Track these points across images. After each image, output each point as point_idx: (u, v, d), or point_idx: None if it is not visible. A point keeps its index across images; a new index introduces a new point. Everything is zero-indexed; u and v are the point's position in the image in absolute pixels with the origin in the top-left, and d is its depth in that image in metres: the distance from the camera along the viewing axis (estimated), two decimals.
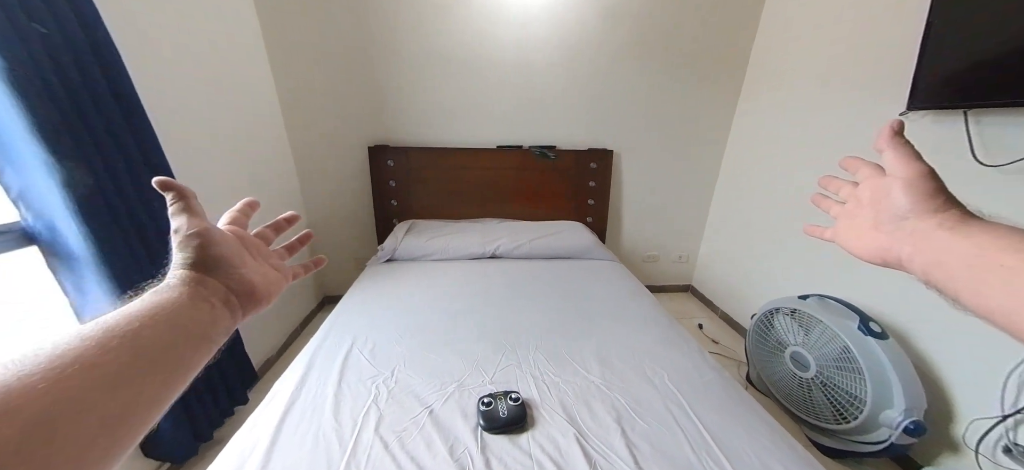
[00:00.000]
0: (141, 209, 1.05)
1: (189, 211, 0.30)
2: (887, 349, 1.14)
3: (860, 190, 0.35)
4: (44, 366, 0.18)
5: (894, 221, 0.30)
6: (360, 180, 2.07)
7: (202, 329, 0.26)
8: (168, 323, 0.24)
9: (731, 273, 2.18)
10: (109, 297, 0.96)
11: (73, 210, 0.88)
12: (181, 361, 0.24)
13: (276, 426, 0.81)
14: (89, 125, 0.91)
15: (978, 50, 1.00)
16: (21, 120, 0.80)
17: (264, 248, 0.36)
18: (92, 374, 0.19)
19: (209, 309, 0.27)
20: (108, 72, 0.96)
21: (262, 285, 0.31)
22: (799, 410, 1.38)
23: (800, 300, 1.37)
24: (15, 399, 0.16)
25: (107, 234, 0.94)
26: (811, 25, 1.64)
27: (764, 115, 1.93)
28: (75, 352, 0.19)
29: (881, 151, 0.31)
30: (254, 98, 1.71)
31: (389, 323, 1.21)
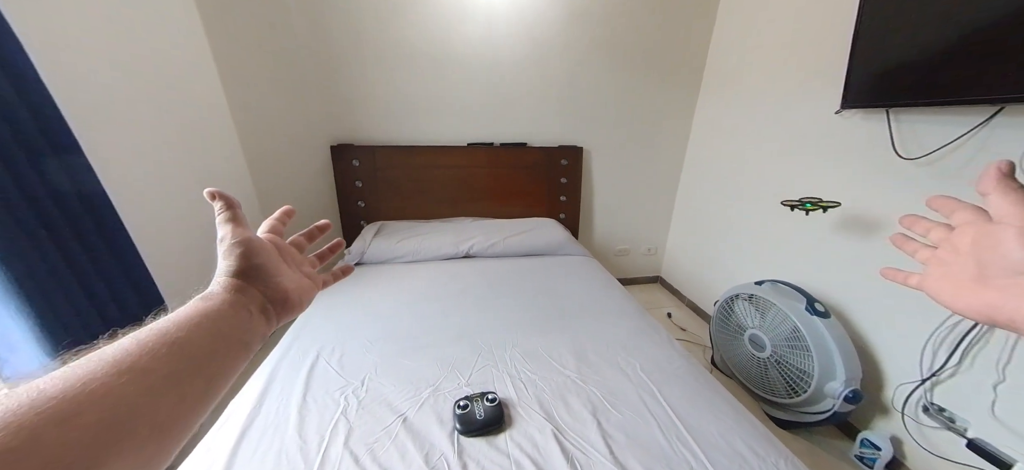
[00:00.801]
0: (68, 230, 0.92)
1: (235, 221, 0.32)
2: (830, 327, 1.26)
3: (957, 236, 0.30)
4: (105, 371, 0.19)
5: (1007, 275, 0.26)
6: (323, 181, 1.96)
7: (240, 335, 0.27)
8: (211, 330, 0.25)
9: (696, 263, 2.30)
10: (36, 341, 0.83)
11: None
12: (222, 367, 0.25)
13: (231, 449, 0.75)
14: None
15: (896, 55, 1.13)
16: None
17: (298, 256, 0.38)
18: (145, 380, 0.20)
19: (247, 317, 0.28)
20: (15, 78, 0.83)
21: (295, 293, 0.33)
22: (757, 388, 1.49)
23: (756, 285, 1.48)
24: (81, 404, 0.17)
25: (27, 266, 0.82)
26: (759, 29, 1.76)
27: (720, 111, 2.06)
28: (132, 359, 0.20)
29: (986, 194, 0.27)
30: (198, 100, 1.56)
31: (358, 330, 1.16)
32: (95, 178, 1.01)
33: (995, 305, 0.26)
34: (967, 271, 0.29)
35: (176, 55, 1.45)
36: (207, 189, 0.32)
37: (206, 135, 1.60)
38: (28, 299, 0.84)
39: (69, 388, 0.17)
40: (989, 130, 1.00)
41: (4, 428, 0.15)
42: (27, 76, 0.86)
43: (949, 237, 0.31)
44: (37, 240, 0.86)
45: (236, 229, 0.31)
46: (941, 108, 1.09)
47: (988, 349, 1.04)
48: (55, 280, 0.90)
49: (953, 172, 1.09)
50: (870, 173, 1.30)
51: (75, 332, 0.92)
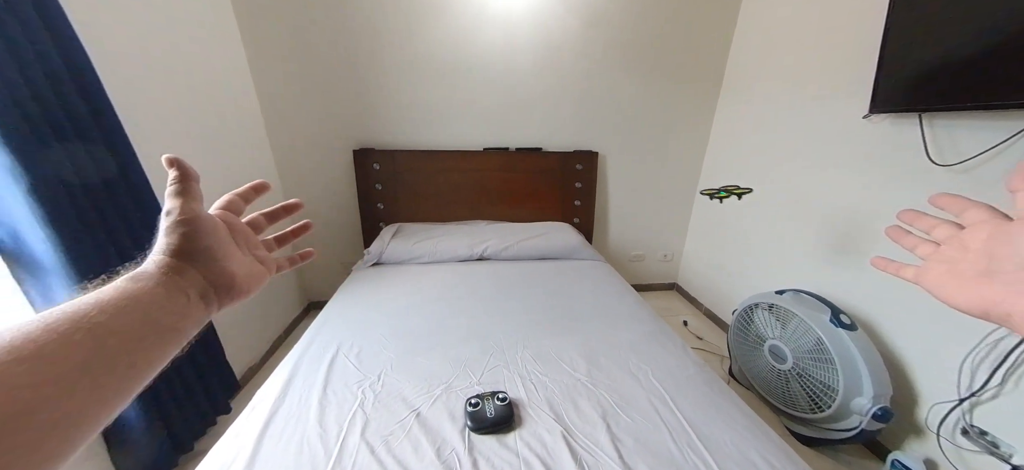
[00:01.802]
0: (115, 216, 1.01)
1: (186, 194, 0.28)
2: (856, 340, 1.20)
3: (969, 235, 0.30)
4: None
5: (1016, 270, 0.25)
6: (345, 184, 2.05)
7: (174, 322, 0.25)
8: (140, 315, 0.22)
9: (714, 270, 2.25)
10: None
11: (42, 219, 0.85)
12: (148, 356, 0.23)
13: (258, 435, 0.80)
14: (58, 131, 0.88)
15: (930, 57, 1.08)
16: None
17: (252, 237, 0.35)
18: (50, 369, 0.17)
19: (185, 302, 0.26)
20: (78, 78, 0.93)
21: (242, 279, 0.30)
22: (778, 401, 1.43)
23: (777, 295, 1.43)
24: None
25: (76, 242, 0.91)
26: (782, 32, 1.72)
27: (741, 116, 2.01)
28: (35, 345, 0.18)
29: (1016, 191, 0.27)
30: (233, 102, 1.67)
31: (376, 327, 1.20)
32: (144, 176, 1.10)
33: (995, 299, 0.26)
34: (973, 268, 0.28)
35: (215, 61, 1.57)
36: (166, 155, 0.29)
37: (239, 137, 1.71)
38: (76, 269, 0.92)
39: None
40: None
41: None
42: (87, 76, 0.95)
43: (959, 235, 0.31)
44: (90, 227, 0.95)
45: (186, 204, 0.28)
46: (982, 112, 1.04)
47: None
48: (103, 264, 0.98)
49: (993, 179, 1.03)
50: (901, 180, 1.24)
51: None
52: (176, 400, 1.18)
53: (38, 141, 0.84)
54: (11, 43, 0.80)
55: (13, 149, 0.80)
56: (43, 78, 0.85)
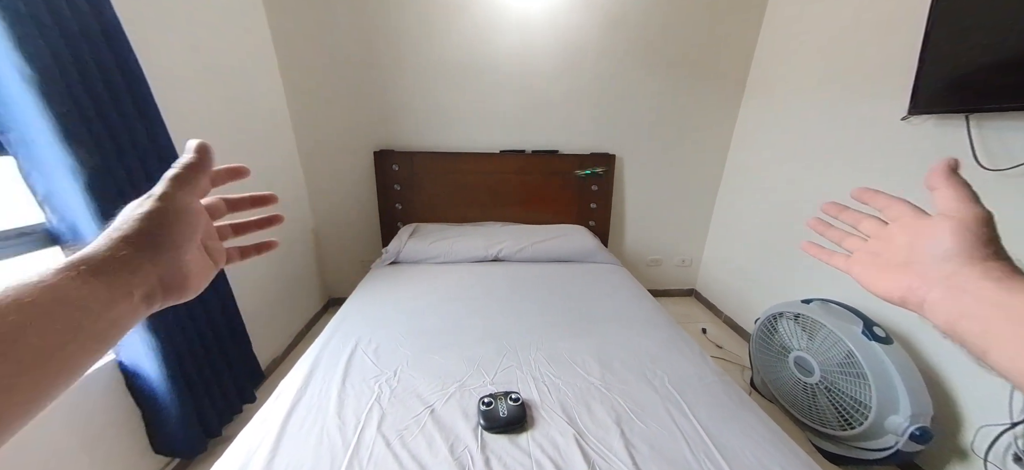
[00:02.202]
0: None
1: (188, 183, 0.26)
2: (892, 354, 1.13)
3: (893, 230, 0.31)
4: None
5: (932, 262, 0.27)
6: (366, 184, 2.11)
7: (104, 328, 0.21)
8: (65, 321, 0.19)
9: (735, 277, 2.17)
10: None
11: (96, 213, 0.92)
12: (63, 367, 0.19)
13: (281, 423, 0.83)
14: (112, 133, 0.96)
15: (978, 56, 1.00)
16: (48, 127, 0.84)
17: (209, 225, 0.30)
18: None
19: (126, 305, 0.22)
20: (131, 85, 1.01)
21: (194, 279, 0.26)
22: (804, 416, 1.36)
23: (803, 304, 1.36)
24: None
25: None
26: (811, 31, 1.65)
27: (766, 120, 1.93)
28: None
29: (934, 189, 0.29)
30: (266, 107, 1.76)
31: (392, 324, 1.23)
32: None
33: (911, 287, 0.27)
34: (896, 259, 0.30)
35: (250, 68, 1.66)
36: (196, 140, 0.27)
37: (270, 139, 1.79)
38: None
39: None
40: None
41: None
42: (139, 85, 1.03)
43: (884, 229, 0.32)
44: None
45: (179, 193, 0.25)
46: None
47: None
48: None
49: None
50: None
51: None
52: (206, 387, 1.25)
53: (94, 142, 0.91)
54: (78, 59, 0.87)
55: (74, 149, 0.87)
56: (101, 86, 0.93)
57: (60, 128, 0.85)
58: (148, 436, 1.15)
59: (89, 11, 0.90)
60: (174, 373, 1.10)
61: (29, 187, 0.91)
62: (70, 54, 0.86)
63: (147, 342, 1.04)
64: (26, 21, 0.78)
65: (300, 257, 2.04)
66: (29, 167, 0.89)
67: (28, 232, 0.92)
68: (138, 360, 1.06)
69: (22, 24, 0.77)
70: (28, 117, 0.83)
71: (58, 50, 0.83)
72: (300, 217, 2.04)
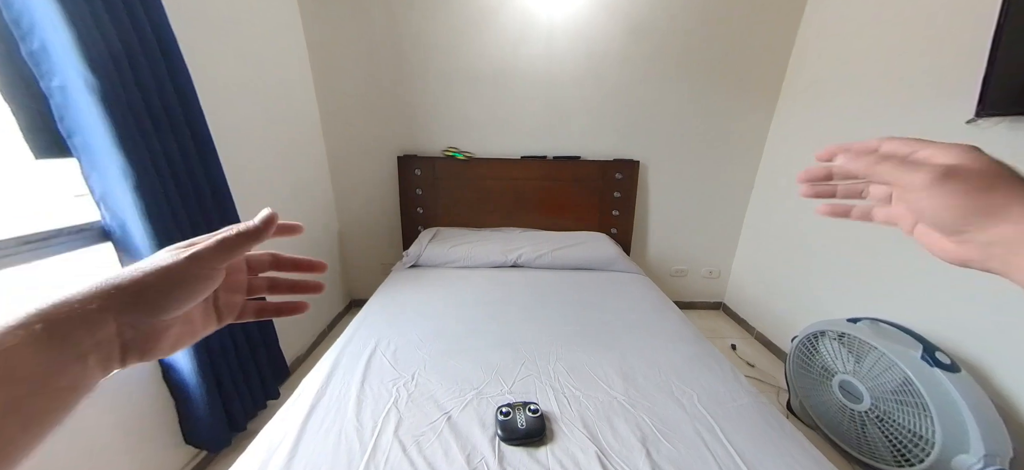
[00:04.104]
0: (199, 214, 1.15)
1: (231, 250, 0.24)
2: (959, 383, 1.01)
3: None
4: None
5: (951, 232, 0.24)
6: (389, 188, 2.16)
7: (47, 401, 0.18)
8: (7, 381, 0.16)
9: (768, 291, 2.03)
10: None
11: (141, 212, 0.98)
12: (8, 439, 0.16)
13: (302, 422, 0.84)
14: (163, 140, 1.03)
15: None
16: (106, 131, 0.91)
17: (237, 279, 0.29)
18: None
19: (77, 370, 0.19)
20: (181, 94, 1.08)
21: (171, 343, 0.24)
22: (851, 446, 1.24)
23: (850, 323, 1.25)
24: None
25: (167, 236, 1.04)
26: (857, 32, 1.54)
27: (804, 124, 1.82)
28: None
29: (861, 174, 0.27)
30: (300, 115, 1.85)
31: (411, 327, 1.23)
32: (224, 180, 1.25)
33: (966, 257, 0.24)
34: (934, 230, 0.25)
35: (287, 78, 1.74)
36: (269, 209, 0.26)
37: (302, 146, 1.87)
38: None
39: None
40: None
41: None
42: (189, 96, 1.10)
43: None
44: (178, 222, 1.09)
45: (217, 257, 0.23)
46: None
47: None
48: None
49: None
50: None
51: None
52: (235, 382, 1.29)
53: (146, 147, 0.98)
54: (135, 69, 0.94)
55: (126, 152, 0.93)
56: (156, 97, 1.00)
57: (116, 133, 0.91)
58: (181, 428, 1.20)
59: (148, 25, 0.97)
60: (205, 366, 1.15)
61: (89, 187, 0.98)
62: (128, 64, 0.93)
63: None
64: (92, 30, 0.85)
65: (326, 258, 2.10)
66: (90, 169, 0.96)
67: (86, 229, 1.00)
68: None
69: (88, 32, 0.84)
70: (90, 122, 0.90)
71: (119, 59, 0.90)
72: (326, 220, 2.11)
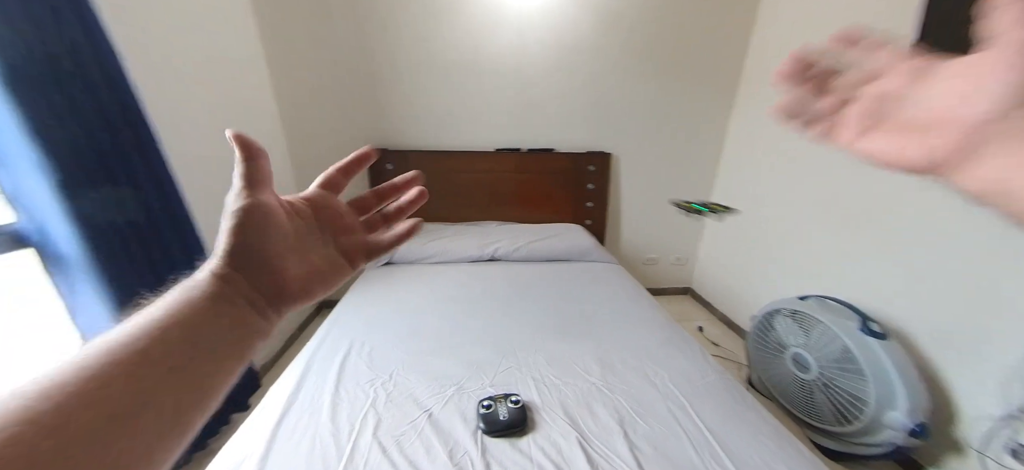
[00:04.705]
0: (141, 213, 1.04)
1: (248, 177, 0.24)
2: (888, 349, 1.14)
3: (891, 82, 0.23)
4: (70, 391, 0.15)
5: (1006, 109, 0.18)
6: (358, 184, 2.05)
7: (221, 337, 0.21)
8: (182, 336, 0.19)
9: (730, 275, 2.18)
10: (105, 302, 0.94)
11: (68, 213, 0.87)
12: (196, 382, 0.19)
13: (272, 431, 0.79)
14: (86, 129, 0.91)
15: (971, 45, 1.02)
16: (15, 121, 0.79)
17: (345, 221, 0.30)
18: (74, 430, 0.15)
19: (233, 313, 0.22)
20: (109, 79, 0.96)
21: (299, 280, 0.25)
22: (801, 412, 1.37)
23: (800, 301, 1.37)
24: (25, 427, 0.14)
25: (102, 238, 0.93)
26: (804, 30, 1.66)
27: (759, 117, 1.95)
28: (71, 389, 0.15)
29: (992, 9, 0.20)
30: (251, 105, 1.71)
31: (387, 326, 1.20)
32: (179, 198, 1.13)
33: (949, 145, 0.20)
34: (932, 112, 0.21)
35: (233, 63, 1.60)
36: (229, 130, 0.24)
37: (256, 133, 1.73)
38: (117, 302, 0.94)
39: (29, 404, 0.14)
40: None
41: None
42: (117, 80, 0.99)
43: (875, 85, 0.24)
44: (125, 243, 0.98)
45: (246, 189, 0.24)
46: None
47: None
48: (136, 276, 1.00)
49: None
50: None
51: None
52: None
53: (67, 139, 0.87)
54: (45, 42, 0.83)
55: (44, 145, 0.82)
56: (75, 81, 0.88)
57: (28, 123, 0.80)
58: None
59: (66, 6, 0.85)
60: None
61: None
62: (41, 45, 0.81)
63: None
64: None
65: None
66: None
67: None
68: None
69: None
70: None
71: (27, 39, 0.79)
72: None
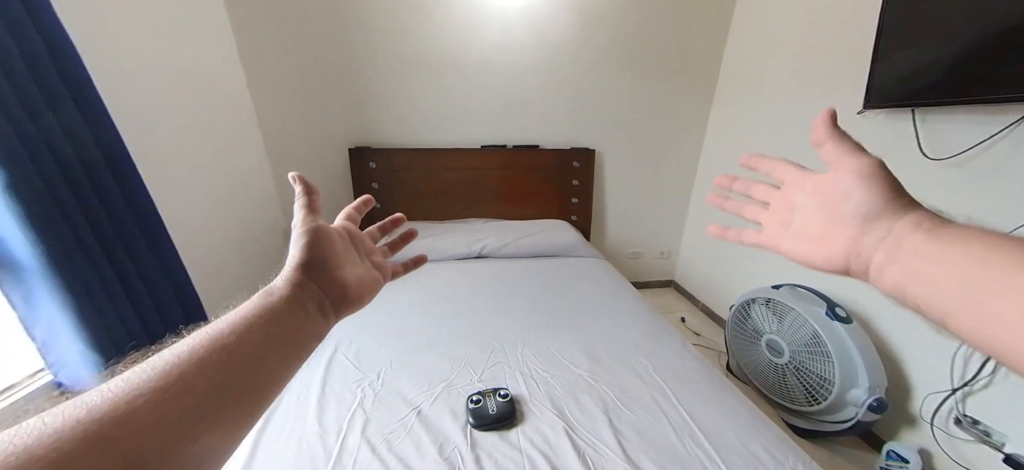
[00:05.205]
0: (106, 219, 0.98)
1: (309, 208, 0.31)
2: (851, 333, 1.22)
3: (788, 193, 0.31)
4: (152, 385, 0.18)
5: (861, 221, 0.25)
6: (341, 183, 2.03)
7: (293, 335, 0.25)
8: (262, 334, 0.23)
9: (711, 267, 2.26)
10: (64, 312, 0.89)
11: (20, 218, 0.82)
12: (272, 374, 0.24)
13: (255, 436, 0.78)
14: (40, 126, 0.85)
15: (922, 54, 1.09)
16: None
17: (370, 245, 0.38)
18: (188, 398, 0.18)
19: (303, 316, 0.26)
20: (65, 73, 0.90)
21: (354, 287, 0.31)
22: (775, 395, 1.45)
23: (774, 290, 1.44)
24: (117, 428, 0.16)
25: (61, 244, 0.88)
26: (776, 30, 1.74)
27: (737, 114, 2.03)
28: (179, 370, 0.19)
29: (820, 144, 0.28)
30: (228, 104, 1.65)
31: (374, 326, 1.19)
32: (142, 185, 1.07)
33: (851, 252, 0.26)
34: (816, 224, 0.28)
35: (207, 61, 1.54)
36: (292, 172, 0.33)
37: (234, 139, 1.68)
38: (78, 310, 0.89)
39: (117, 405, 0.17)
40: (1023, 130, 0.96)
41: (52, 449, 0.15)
42: (80, 79, 0.93)
43: (779, 193, 0.32)
44: (85, 246, 0.92)
45: (308, 216, 0.30)
46: (971, 107, 1.06)
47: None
48: (103, 287, 0.94)
49: (985, 173, 1.05)
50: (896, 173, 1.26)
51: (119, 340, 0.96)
52: None
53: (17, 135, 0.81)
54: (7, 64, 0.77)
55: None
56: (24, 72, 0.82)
57: None
58: None
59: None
60: None
61: None
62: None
63: (89, 361, 0.94)
64: None
65: (271, 262, 1.93)
66: None
67: None
68: (81, 381, 0.96)
69: None
70: None
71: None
72: (270, 220, 1.93)
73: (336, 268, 0.30)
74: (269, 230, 1.91)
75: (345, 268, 0.31)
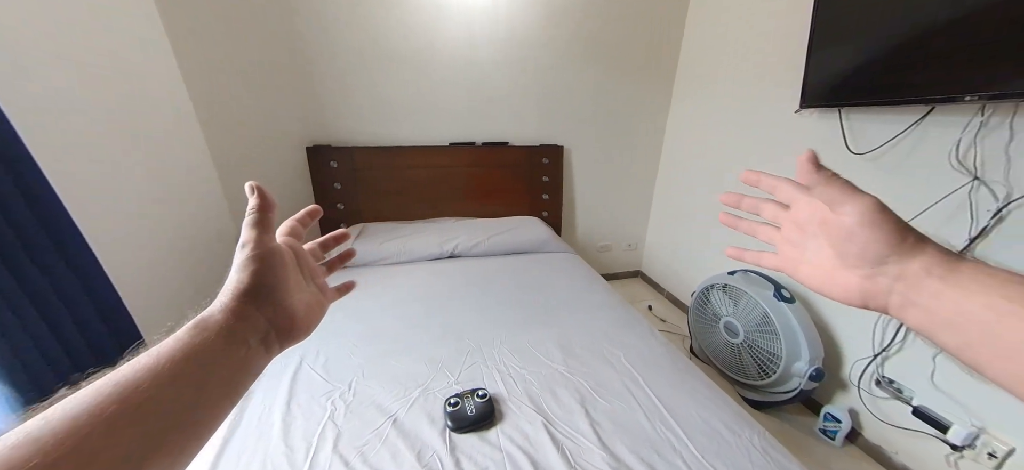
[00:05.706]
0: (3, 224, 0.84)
1: (262, 226, 0.27)
2: (795, 311, 1.36)
3: (796, 213, 0.30)
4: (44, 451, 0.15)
5: (870, 265, 0.25)
6: (300, 185, 1.90)
7: (230, 376, 0.23)
8: (193, 377, 0.20)
9: (674, 257, 2.40)
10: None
11: None
12: (197, 429, 0.21)
13: (212, 462, 0.71)
14: None
15: (844, 61, 1.23)
16: None
17: (314, 265, 0.33)
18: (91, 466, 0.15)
19: (244, 352, 0.23)
20: None
21: (304, 316, 0.28)
22: (732, 372, 1.57)
23: (729, 276, 1.56)
24: None
25: None
26: (727, 26, 1.86)
27: (693, 110, 2.15)
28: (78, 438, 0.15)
29: (810, 188, 0.28)
30: (160, 103, 1.48)
31: (343, 333, 1.13)
32: (48, 186, 0.93)
33: (868, 293, 0.26)
34: (828, 259, 0.28)
35: (131, 51, 1.37)
36: (249, 182, 0.29)
37: (167, 135, 1.51)
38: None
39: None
40: (923, 128, 1.12)
41: None
42: None
43: (786, 215, 0.31)
44: None
45: (261, 237, 0.26)
46: (883, 108, 1.21)
47: None
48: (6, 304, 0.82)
49: (895, 165, 1.20)
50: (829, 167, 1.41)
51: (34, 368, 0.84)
52: None
53: None
54: None
55: None
56: None
57: None
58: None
59: None
60: None
61: None
62: None
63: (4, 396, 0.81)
64: None
65: (219, 273, 1.76)
66: None
67: None
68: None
69: None
70: None
71: None
72: (216, 227, 1.76)
73: (286, 294, 0.27)
74: (217, 238, 1.74)
75: (293, 294, 0.27)
